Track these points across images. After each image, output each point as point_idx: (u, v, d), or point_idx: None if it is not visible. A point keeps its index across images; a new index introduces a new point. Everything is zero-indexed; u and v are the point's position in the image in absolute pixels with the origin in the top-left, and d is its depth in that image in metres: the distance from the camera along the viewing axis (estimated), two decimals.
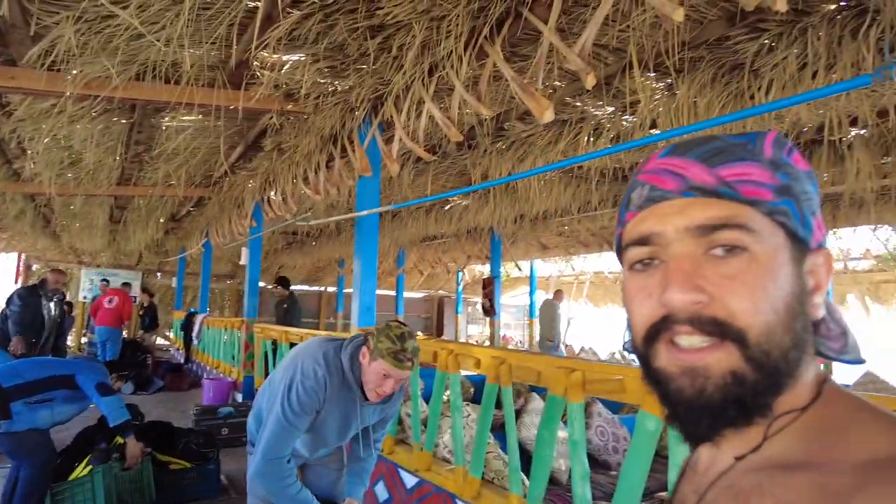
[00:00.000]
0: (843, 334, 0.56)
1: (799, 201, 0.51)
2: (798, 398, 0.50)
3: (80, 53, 2.85)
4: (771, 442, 0.49)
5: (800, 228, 0.51)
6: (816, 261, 0.52)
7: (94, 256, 13.30)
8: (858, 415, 0.47)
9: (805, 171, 0.54)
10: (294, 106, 3.94)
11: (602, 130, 4.32)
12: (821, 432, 0.47)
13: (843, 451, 0.44)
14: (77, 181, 5.71)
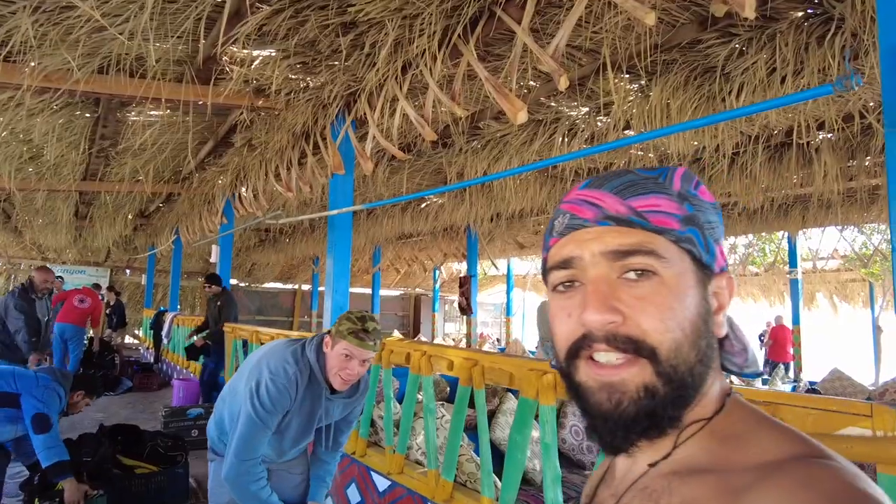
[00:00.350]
0: (745, 350, 0.61)
1: (703, 230, 0.56)
2: (704, 409, 0.55)
3: (38, 45, 2.74)
4: (680, 449, 0.54)
5: (704, 255, 0.56)
6: (719, 284, 0.57)
7: (60, 253, 12.93)
8: (756, 425, 0.53)
9: (710, 203, 0.59)
10: (265, 102, 3.86)
11: (577, 131, 4.33)
12: (723, 439, 0.53)
13: (741, 456, 0.50)
14: (39, 176, 5.51)
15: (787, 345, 9.73)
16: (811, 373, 9.01)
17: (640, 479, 0.56)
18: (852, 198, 6.29)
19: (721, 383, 0.57)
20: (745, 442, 0.51)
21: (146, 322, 11.45)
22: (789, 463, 0.47)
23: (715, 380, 0.56)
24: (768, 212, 6.87)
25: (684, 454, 0.54)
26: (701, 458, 0.52)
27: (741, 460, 0.49)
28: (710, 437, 0.53)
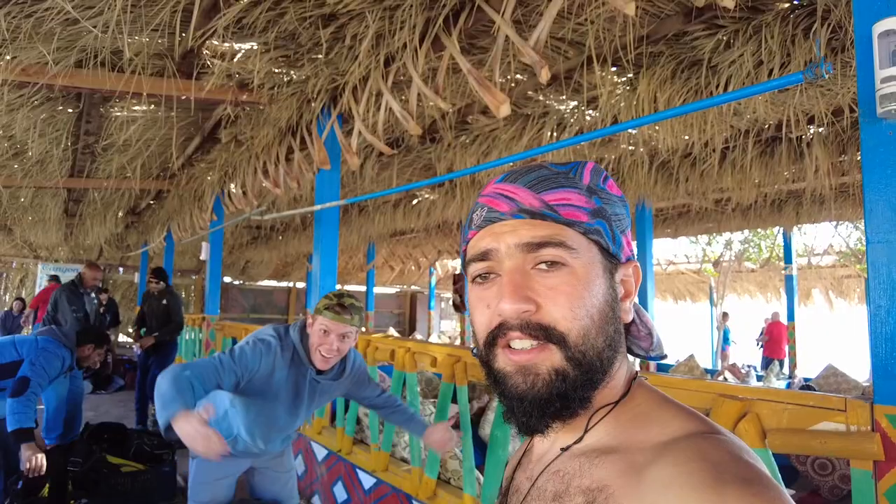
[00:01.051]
0: (650, 335, 0.65)
1: (610, 222, 0.60)
2: (612, 393, 0.59)
3: (11, 38, 2.69)
4: (591, 433, 0.59)
5: (611, 245, 0.59)
6: (626, 272, 0.62)
7: (51, 251, 12.85)
8: (658, 407, 0.57)
9: (618, 196, 0.63)
10: (249, 96, 3.81)
11: (566, 125, 4.29)
12: (628, 421, 0.57)
13: (644, 435, 0.54)
14: (24, 172, 5.46)
15: (783, 341, 9.72)
16: (806, 369, 8.98)
17: (553, 461, 0.60)
18: (845, 193, 6.27)
19: (628, 368, 0.61)
20: (648, 422, 0.55)
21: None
22: (683, 439, 0.51)
23: (622, 364, 0.61)
24: (762, 207, 6.84)
25: (594, 437, 0.58)
26: (609, 439, 0.56)
27: (644, 439, 0.54)
28: (617, 420, 0.57)
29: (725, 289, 9.72)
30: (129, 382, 8.87)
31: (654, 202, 6.22)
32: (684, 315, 15.32)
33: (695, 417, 0.55)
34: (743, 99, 2.74)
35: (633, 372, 0.62)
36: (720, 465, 0.47)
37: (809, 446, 1.48)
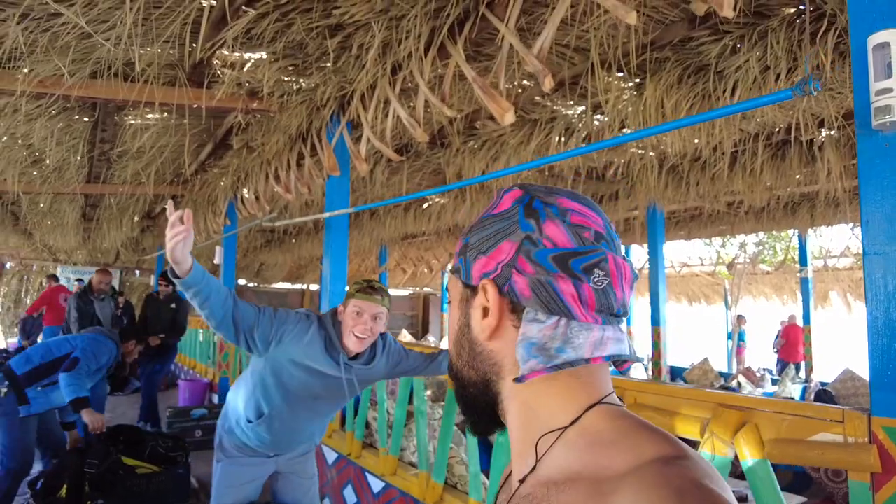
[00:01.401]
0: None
1: (466, 254, 0.65)
2: (554, 419, 0.59)
3: (29, 52, 2.77)
4: (545, 462, 0.59)
5: (463, 277, 0.65)
6: (480, 296, 0.63)
7: (70, 254, 13.09)
8: (625, 431, 0.56)
9: (501, 212, 0.64)
10: (259, 104, 3.87)
11: (573, 130, 4.30)
12: (587, 448, 0.56)
13: (609, 461, 0.54)
14: (43, 179, 5.60)
15: (799, 344, 9.59)
16: (823, 373, 8.87)
17: (521, 485, 0.62)
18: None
19: (587, 394, 0.60)
20: (614, 448, 0.55)
21: None
22: (647, 465, 0.51)
23: (509, 385, 0.63)
24: (775, 210, 6.78)
25: (552, 465, 0.58)
26: (571, 466, 0.56)
27: (608, 465, 0.53)
28: (576, 445, 0.57)
29: (740, 291, 9.62)
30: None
31: (666, 205, 6.20)
32: (699, 318, 15.16)
33: (661, 441, 0.54)
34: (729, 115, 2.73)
35: (588, 400, 0.60)
36: (682, 493, 0.48)
37: (807, 457, 1.49)
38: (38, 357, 3.84)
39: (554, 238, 0.59)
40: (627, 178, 5.20)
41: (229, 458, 2.41)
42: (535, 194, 0.63)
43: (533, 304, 0.59)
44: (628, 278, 0.61)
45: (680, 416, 1.87)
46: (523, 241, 0.60)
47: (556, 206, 0.61)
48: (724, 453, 1.71)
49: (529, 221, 0.60)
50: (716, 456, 1.71)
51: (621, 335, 0.61)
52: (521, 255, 0.60)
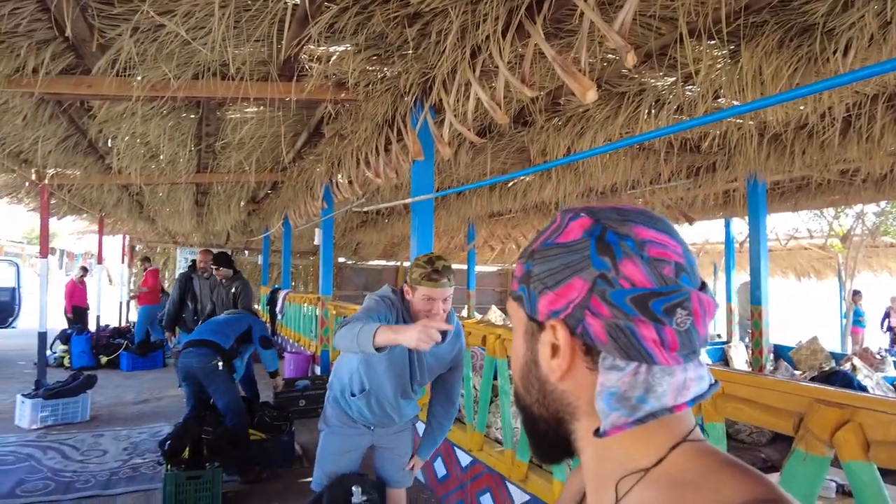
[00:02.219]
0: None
1: (530, 284, 0.61)
2: (635, 461, 0.57)
3: (140, 60, 3.05)
4: (625, 502, 0.56)
5: (527, 308, 0.61)
6: (549, 333, 0.59)
7: (187, 237, 14.32)
8: (711, 470, 0.53)
9: (566, 243, 0.59)
10: (346, 94, 4.01)
11: (664, 102, 4.09)
12: (670, 488, 0.53)
13: (694, 501, 0.51)
14: (159, 171, 6.16)
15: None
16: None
17: None
18: None
19: (670, 431, 0.57)
20: (697, 489, 0.52)
21: (263, 299, 12.44)
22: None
23: (586, 424, 0.60)
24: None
25: (635, 503, 0.56)
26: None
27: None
28: (656, 487, 0.54)
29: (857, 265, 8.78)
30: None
31: (768, 176, 5.75)
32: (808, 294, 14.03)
33: (754, 483, 0.51)
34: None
35: (678, 436, 0.57)
36: None
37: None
38: (232, 334, 4.60)
39: (632, 277, 0.54)
40: (725, 148, 4.87)
41: (331, 427, 2.60)
42: (608, 224, 0.57)
43: (610, 350, 0.55)
44: (711, 312, 0.56)
45: (770, 410, 1.78)
46: (597, 280, 0.55)
47: (633, 238, 0.56)
48: (821, 452, 1.61)
49: (604, 259, 0.55)
50: (811, 455, 1.62)
51: (702, 371, 0.57)
52: (594, 296, 0.55)
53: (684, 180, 6.49)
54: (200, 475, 3.76)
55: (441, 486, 4.02)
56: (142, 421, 5.93)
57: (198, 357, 4.39)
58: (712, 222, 10.32)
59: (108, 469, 4.50)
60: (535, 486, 2.97)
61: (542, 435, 0.63)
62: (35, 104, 4.05)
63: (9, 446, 4.97)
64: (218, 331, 4.64)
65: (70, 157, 5.80)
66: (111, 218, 11.35)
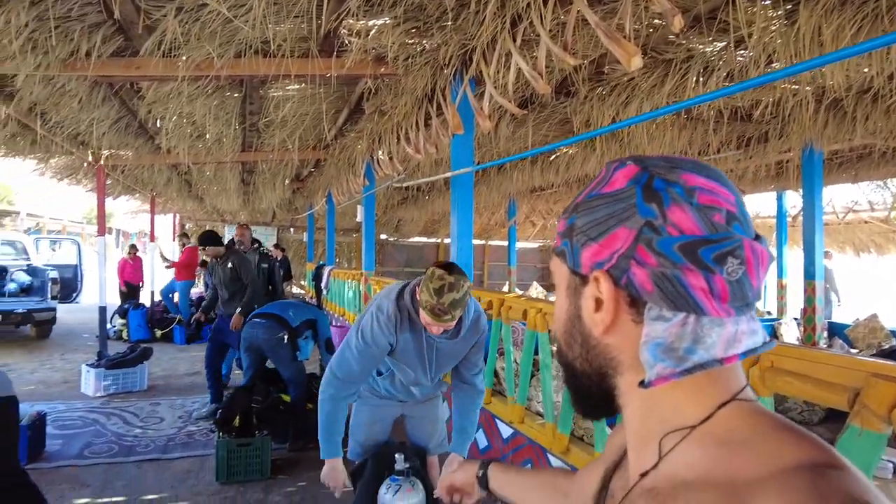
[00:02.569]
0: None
1: (572, 238, 0.59)
2: (682, 417, 0.55)
3: (185, 40, 3.11)
4: (671, 458, 0.55)
5: (570, 262, 0.60)
6: (593, 287, 0.57)
7: (234, 215, 14.73)
8: (763, 431, 0.51)
9: (612, 192, 0.56)
10: (386, 69, 4.00)
11: (713, 68, 3.93)
12: (717, 448, 0.52)
13: (744, 464, 0.49)
14: (206, 150, 6.32)
15: None
16: None
17: (643, 479, 0.58)
18: None
19: (718, 389, 0.55)
20: (748, 449, 0.50)
21: (308, 275, 12.74)
22: (793, 472, 0.45)
23: (629, 381, 0.58)
24: None
25: (677, 464, 0.54)
26: (703, 464, 0.52)
27: (745, 468, 0.49)
28: (701, 446, 0.53)
29: None
30: None
31: (825, 145, 5.47)
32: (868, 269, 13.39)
33: (810, 446, 0.48)
34: None
35: (728, 393, 0.55)
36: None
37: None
38: (300, 317, 4.79)
39: (680, 224, 0.52)
40: (778, 117, 4.65)
41: (362, 398, 2.67)
42: (655, 171, 0.55)
43: (656, 300, 0.53)
44: (765, 264, 0.53)
45: (823, 384, 1.72)
46: (643, 229, 0.53)
47: (681, 184, 0.53)
48: (877, 429, 1.55)
49: (650, 206, 0.53)
50: (866, 430, 1.56)
51: (755, 325, 0.55)
52: (640, 245, 0.53)
53: (734, 151, 6.24)
54: (250, 442, 3.92)
55: (482, 456, 4.07)
56: (194, 391, 6.20)
57: (264, 329, 4.55)
58: (763, 195, 9.94)
59: (166, 435, 4.74)
60: (576, 458, 2.97)
61: (585, 391, 0.62)
62: (89, 87, 4.21)
63: (77, 412, 5.29)
64: (286, 309, 4.83)
65: (122, 139, 6.02)
66: (162, 197, 11.77)
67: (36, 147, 5.85)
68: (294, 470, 4.14)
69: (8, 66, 3.15)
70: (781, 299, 9.35)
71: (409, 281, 2.32)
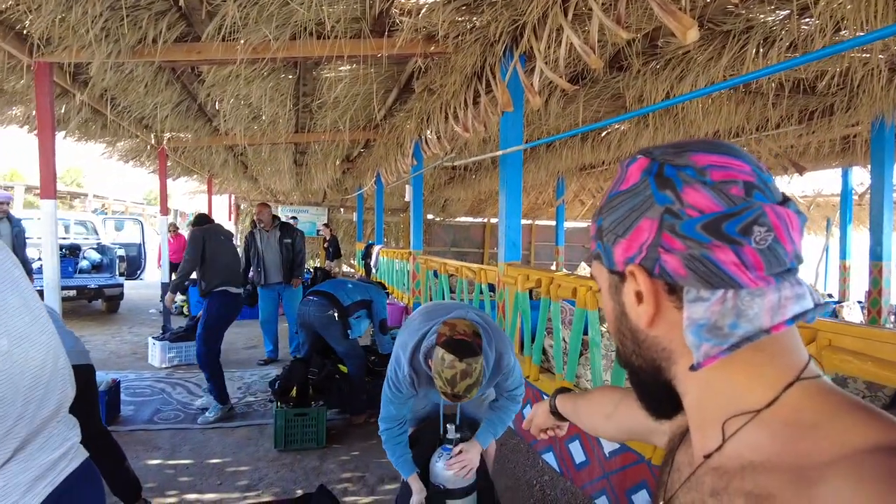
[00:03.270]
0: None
1: (603, 238, 0.61)
2: (743, 400, 0.55)
3: (243, 24, 3.22)
4: (734, 441, 0.55)
5: (605, 262, 0.62)
6: (630, 283, 0.59)
7: (287, 196, 15.13)
8: (832, 412, 0.50)
9: (627, 189, 0.58)
10: (436, 47, 4.02)
11: (774, 39, 3.77)
12: (784, 429, 0.51)
13: (813, 446, 0.48)
14: (261, 132, 6.52)
15: None
16: None
17: (702, 465, 0.59)
18: None
19: (782, 370, 0.54)
20: (815, 432, 0.49)
21: (358, 254, 13.01)
22: (866, 454, 0.44)
23: (683, 368, 0.58)
24: None
25: (743, 444, 0.54)
26: (769, 446, 0.52)
27: (813, 449, 0.48)
28: (768, 428, 0.52)
29: None
30: None
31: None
32: None
33: (885, 426, 0.47)
34: None
35: (792, 372, 0.54)
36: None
37: None
38: (354, 296, 4.86)
39: (698, 204, 0.52)
40: (846, 88, 4.42)
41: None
42: (664, 159, 0.56)
43: (691, 282, 0.53)
44: (796, 226, 0.53)
45: (886, 364, 1.68)
46: (664, 216, 0.54)
47: (692, 166, 0.54)
48: None
49: (665, 193, 0.54)
50: None
51: (801, 289, 0.53)
52: (664, 232, 0.54)
53: (795, 126, 5.98)
54: (307, 412, 4.10)
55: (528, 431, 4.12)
56: (251, 364, 6.49)
57: (315, 307, 4.70)
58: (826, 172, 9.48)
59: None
60: None
61: (646, 386, 0.63)
62: (154, 72, 4.41)
63: (145, 381, 5.64)
64: (340, 288, 4.91)
65: (183, 121, 6.28)
66: (218, 178, 12.19)
67: (105, 131, 6.18)
68: (347, 439, 4.30)
69: (84, 54, 3.34)
70: (845, 282, 8.96)
71: (424, 332, 2.23)
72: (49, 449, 1.05)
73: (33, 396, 0.98)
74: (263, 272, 6.28)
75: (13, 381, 0.93)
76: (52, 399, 1.03)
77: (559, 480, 3.55)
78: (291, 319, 6.47)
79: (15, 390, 0.94)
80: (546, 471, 3.72)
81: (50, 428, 1.05)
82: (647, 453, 2.75)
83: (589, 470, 3.28)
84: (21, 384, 0.95)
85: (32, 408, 0.98)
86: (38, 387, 0.99)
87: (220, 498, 3.37)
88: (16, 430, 0.95)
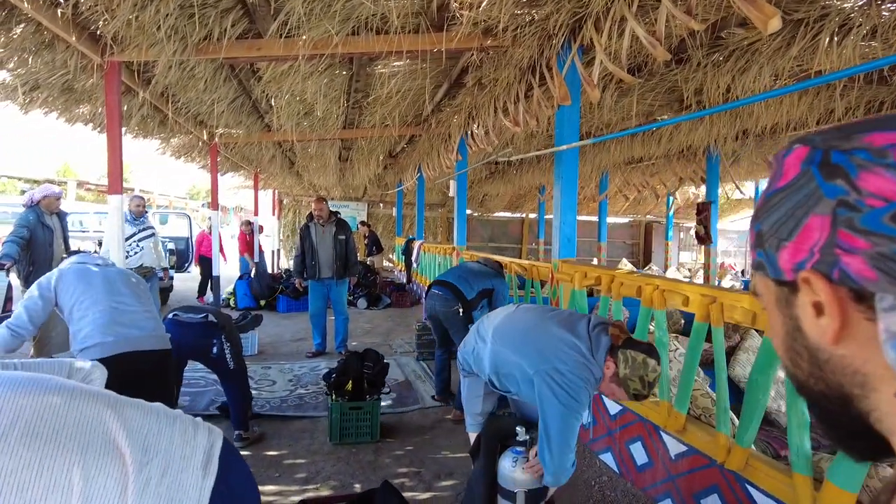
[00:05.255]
0: None
1: (764, 244, 0.52)
2: None
3: (307, 20, 3.24)
4: None
5: (770, 272, 0.52)
6: (803, 295, 0.49)
7: (329, 191, 15.31)
8: None
9: (781, 187, 0.50)
10: (493, 41, 3.98)
11: (851, 26, 3.60)
12: None
13: None
14: (311, 128, 6.59)
15: None
16: None
17: None
18: None
19: None
20: None
21: (398, 249, 13.07)
22: None
23: (887, 397, 0.47)
24: None
25: None
26: None
27: None
28: None
29: None
30: (393, 301, 10.38)
31: None
32: None
33: None
34: None
35: None
36: None
37: None
38: (477, 287, 4.84)
39: (881, 192, 0.43)
40: None
41: (468, 374, 2.75)
42: (829, 145, 0.47)
43: (884, 286, 0.43)
44: None
45: None
46: (837, 211, 0.45)
47: (866, 148, 0.44)
48: None
49: (835, 183, 0.45)
50: None
51: None
52: (840, 229, 0.45)
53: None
54: (361, 406, 4.13)
55: (585, 431, 4.06)
56: (300, 357, 6.58)
57: (441, 300, 4.74)
58: None
59: (279, 397, 5.07)
60: (693, 438, 2.91)
61: (832, 418, 0.51)
62: (214, 70, 4.49)
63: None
64: (464, 278, 4.86)
65: (236, 118, 6.38)
66: (264, 174, 12.41)
67: (162, 127, 6.33)
68: (401, 434, 4.32)
69: (152, 52, 3.41)
70: None
71: (583, 342, 2.22)
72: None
73: None
74: (317, 266, 6.35)
75: None
76: None
77: (619, 481, 3.48)
78: (339, 312, 6.57)
79: None
80: (604, 471, 3.65)
81: None
82: (718, 457, 2.67)
83: (652, 472, 3.21)
84: None
85: None
86: None
87: (280, 490, 3.42)
88: None
